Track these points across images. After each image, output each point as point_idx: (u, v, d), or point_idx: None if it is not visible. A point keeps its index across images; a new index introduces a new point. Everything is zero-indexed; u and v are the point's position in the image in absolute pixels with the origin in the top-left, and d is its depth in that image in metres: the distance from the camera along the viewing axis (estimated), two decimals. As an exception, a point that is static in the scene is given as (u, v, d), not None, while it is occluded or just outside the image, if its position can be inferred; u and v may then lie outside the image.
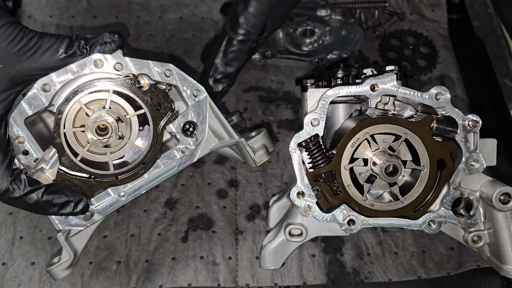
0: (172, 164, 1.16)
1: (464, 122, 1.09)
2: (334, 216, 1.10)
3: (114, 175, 1.11)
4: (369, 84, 1.08)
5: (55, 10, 1.77)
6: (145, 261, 1.26)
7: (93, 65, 1.03)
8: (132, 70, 1.07)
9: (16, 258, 1.27)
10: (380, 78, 1.08)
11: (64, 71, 1.02)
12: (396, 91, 1.09)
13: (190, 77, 1.12)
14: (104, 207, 1.14)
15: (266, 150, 1.22)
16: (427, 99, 1.08)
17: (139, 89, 1.07)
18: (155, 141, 1.11)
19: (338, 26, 1.71)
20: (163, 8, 1.80)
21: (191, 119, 1.14)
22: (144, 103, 1.08)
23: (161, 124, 1.11)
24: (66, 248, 1.14)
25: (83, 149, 1.07)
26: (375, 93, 1.08)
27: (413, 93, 1.08)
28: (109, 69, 1.05)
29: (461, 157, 1.11)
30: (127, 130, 1.08)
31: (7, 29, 0.95)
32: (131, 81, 1.06)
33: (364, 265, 1.25)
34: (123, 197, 1.14)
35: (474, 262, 1.25)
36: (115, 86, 1.06)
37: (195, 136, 1.16)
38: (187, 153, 1.16)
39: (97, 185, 1.11)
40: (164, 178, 1.17)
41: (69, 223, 1.13)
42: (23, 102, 1.03)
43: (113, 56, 1.05)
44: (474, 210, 1.16)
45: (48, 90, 1.03)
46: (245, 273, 1.24)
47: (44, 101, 1.04)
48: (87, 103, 1.06)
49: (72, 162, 1.07)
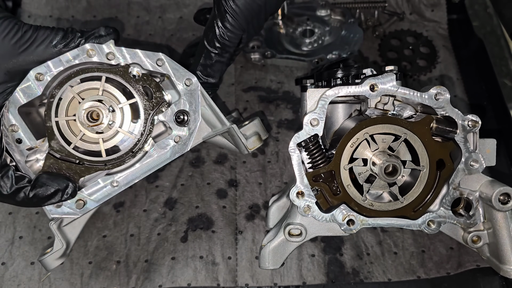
0: (165, 154, 1.15)
1: (463, 122, 1.09)
2: (334, 216, 1.10)
3: (103, 162, 1.11)
4: (369, 84, 1.08)
5: (54, 10, 1.77)
6: (145, 261, 1.26)
7: (86, 55, 1.06)
8: (124, 60, 1.08)
9: (15, 258, 1.27)
10: (379, 78, 1.08)
11: (57, 60, 1.05)
12: (396, 91, 1.09)
13: (181, 66, 1.12)
14: (97, 196, 1.13)
15: (259, 137, 1.22)
16: (426, 99, 1.08)
17: (131, 78, 1.08)
18: (145, 129, 1.11)
19: (338, 26, 1.71)
20: (163, 8, 1.80)
21: (183, 108, 1.14)
22: (136, 91, 1.09)
23: (152, 112, 1.11)
24: (58, 237, 1.13)
25: (76, 138, 1.07)
26: (375, 93, 1.08)
27: (412, 93, 1.08)
28: (102, 58, 1.07)
29: (460, 157, 1.11)
30: (118, 118, 1.09)
31: (2, 23, 0.97)
32: (123, 70, 1.08)
33: (364, 265, 1.25)
34: (116, 186, 1.14)
35: (473, 262, 1.25)
36: (108, 73, 1.07)
37: (188, 125, 1.16)
38: (180, 142, 1.16)
39: (85, 170, 1.11)
40: (157, 168, 1.16)
41: (62, 212, 1.12)
42: (17, 91, 1.04)
43: (105, 46, 1.07)
44: (474, 210, 1.15)
45: (41, 79, 1.05)
46: (244, 273, 1.25)
47: (38, 90, 1.05)
48: (80, 92, 1.07)
49: (61, 147, 1.07)
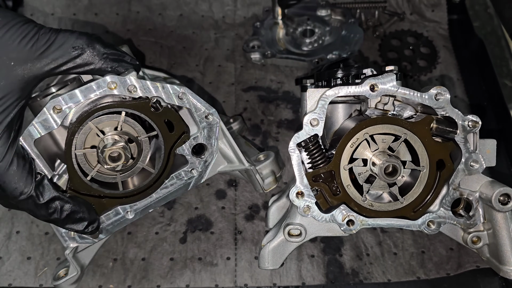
0: (180, 185, 1.16)
1: (463, 123, 1.09)
2: (333, 216, 1.10)
3: (124, 195, 1.11)
4: (369, 84, 1.08)
5: (56, 8, 1.77)
6: (142, 259, 1.26)
7: (107, 87, 1.02)
8: (145, 93, 1.05)
9: (12, 253, 1.27)
10: (379, 78, 1.08)
11: (76, 93, 1.01)
12: (396, 91, 1.08)
13: (202, 99, 1.11)
14: (112, 226, 1.15)
15: (274, 177, 1.25)
16: (426, 100, 1.08)
17: (152, 111, 1.05)
18: (166, 163, 1.11)
19: (338, 26, 1.71)
20: (163, 5, 1.80)
21: (201, 141, 1.14)
22: (156, 124, 1.07)
23: (173, 146, 1.10)
24: (73, 264, 1.14)
25: (93, 169, 1.06)
26: (375, 93, 1.08)
27: (412, 93, 1.08)
28: (123, 91, 1.03)
29: (460, 157, 1.10)
30: (138, 151, 1.07)
31: (20, 27, 0.95)
32: (145, 104, 1.04)
33: (363, 265, 1.25)
34: (130, 215, 1.15)
35: (473, 263, 1.25)
36: (128, 108, 1.04)
37: (204, 157, 1.16)
38: (196, 174, 1.17)
39: (108, 204, 1.11)
40: (171, 198, 1.18)
41: (77, 240, 1.13)
42: (33, 124, 1.01)
43: (128, 79, 1.03)
44: (474, 210, 1.15)
45: (59, 112, 1.01)
46: (243, 273, 1.24)
47: (54, 124, 1.02)
48: (99, 123, 1.04)
49: (83, 183, 1.06)
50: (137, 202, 1.14)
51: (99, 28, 1.75)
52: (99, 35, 1.04)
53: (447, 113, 1.09)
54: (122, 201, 1.13)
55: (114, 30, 1.75)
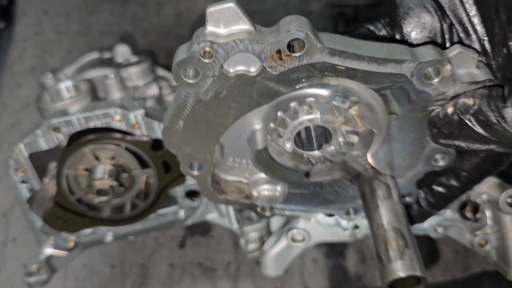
0: (163, 222, 1.17)
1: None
2: (338, 220, 1.07)
3: (107, 219, 1.12)
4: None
5: (50, 8, 1.77)
6: (140, 265, 1.25)
7: (111, 119, 1.01)
8: (150, 132, 1.04)
9: (8, 261, 1.26)
10: None
11: (78, 118, 1.01)
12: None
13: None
14: (88, 242, 1.16)
15: (261, 244, 1.17)
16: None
17: (152, 151, 1.05)
18: (156, 200, 1.11)
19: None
20: (160, 4, 1.79)
21: (195, 188, 1.13)
22: (153, 163, 1.06)
23: (166, 185, 1.10)
24: (45, 269, 1.14)
25: (81, 190, 1.07)
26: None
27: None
28: (128, 127, 1.02)
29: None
30: (130, 183, 1.07)
31: None
32: (146, 143, 1.04)
33: (368, 269, 1.23)
34: (109, 237, 1.17)
35: (480, 265, 1.23)
36: (128, 143, 1.04)
37: (196, 203, 1.16)
38: (182, 216, 1.17)
39: (89, 223, 1.12)
40: (153, 231, 1.19)
41: (53, 248, 1.14)
42: (34, 138, 1.01)
43: (134, 117, 1.02)
44: (481, 213, 1.13)
45: (59, 132, 1.01)
46: (245, 278, 1.22)
47: (56, 141, 1.02)
48: (96, 149, 1.04)
49: (68, 201, 1.07)
50: (119, 227, 1.15)
51: (96, 28, 1.74)
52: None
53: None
54: (104, 223, 1.13)
55: (109, 30, 1.73)
